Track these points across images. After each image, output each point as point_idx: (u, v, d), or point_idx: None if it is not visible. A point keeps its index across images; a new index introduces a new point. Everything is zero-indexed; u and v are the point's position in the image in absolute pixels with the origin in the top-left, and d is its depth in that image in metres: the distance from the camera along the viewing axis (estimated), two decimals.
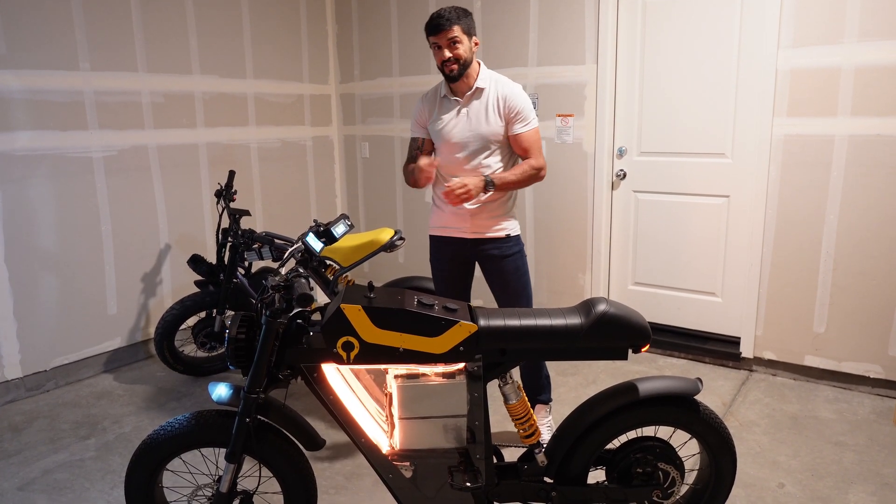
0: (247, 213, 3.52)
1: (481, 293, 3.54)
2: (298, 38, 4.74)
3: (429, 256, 2.85)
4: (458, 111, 2.62)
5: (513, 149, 2.66)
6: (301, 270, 1.84)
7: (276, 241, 3.40)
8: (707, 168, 3.65)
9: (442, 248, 2.78)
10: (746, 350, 3.59)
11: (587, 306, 1.84)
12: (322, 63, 4.95)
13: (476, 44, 2.58)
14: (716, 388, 3.37)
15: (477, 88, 2.60)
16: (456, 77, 2.55)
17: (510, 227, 2.72)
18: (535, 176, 2.63)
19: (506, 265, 2.70)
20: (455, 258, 2.77)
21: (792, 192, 3.34)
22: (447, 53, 2.50)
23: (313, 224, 2.11)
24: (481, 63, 2.64)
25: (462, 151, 2.61)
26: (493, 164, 2.63)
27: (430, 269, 2.87)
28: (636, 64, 3.76)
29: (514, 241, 2.73)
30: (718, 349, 3.68)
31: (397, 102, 4.74)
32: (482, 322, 1.79)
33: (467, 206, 2.61)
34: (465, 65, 2.54)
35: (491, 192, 2.55)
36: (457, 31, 2.49)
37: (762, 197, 3.41)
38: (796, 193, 3.33)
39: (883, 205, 3.12)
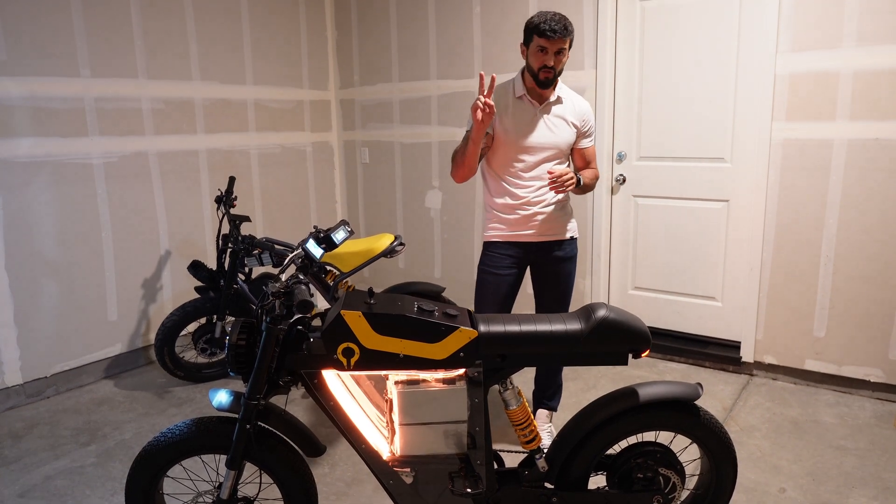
0: (247, 219, 3.53)
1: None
2: (298, 45, 4.75)
3: (478, 264, 2.79)
4: (536, 116, 2.61)
5: (573, 160, 2.73)
6: (301, 276, 1.84)
7: (277, 246, 3.40)
8: (706, 173, 3.66)
9: (502, 252, 2.72)
10: (747, 354, 3.59)
11: (587, 312, 1.85)
12: (322, 69, 4.96)
13: (567, 57, 2.56)
14: (716, 393, 3.36)
15: (557, 97, 2.61)
16: (549, 84, 2.55)
17: (573, 229, 2.77)
18: (596, 184, 2.76)
19: (564, 267, 2.74)
20: (513, 264, 2.72)
21: (791, 197, 3.34)
22: (551, 62, 2.48)
23: (313, 230, 2.12)
24: None
25: (534, 156, 2.60)
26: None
27: (477, 276, 2.80)
28: (635, 69, 3.78)
29: (575, 244, 2.78)
30: (719, 353, 3.68)
31: (397, 108, 4.75)
32: (482, 328, 1.80)
33: (532, 196, 2.63)
34: (558, 74, 2.55)
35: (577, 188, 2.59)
36: (567, 42, 2.47)
37: (761, 201, 3.42)
38: (795, 197, 3.33)
39: (882, 208, 3.12)
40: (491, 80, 2.35)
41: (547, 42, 2.45)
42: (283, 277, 1.81)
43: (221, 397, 1.82)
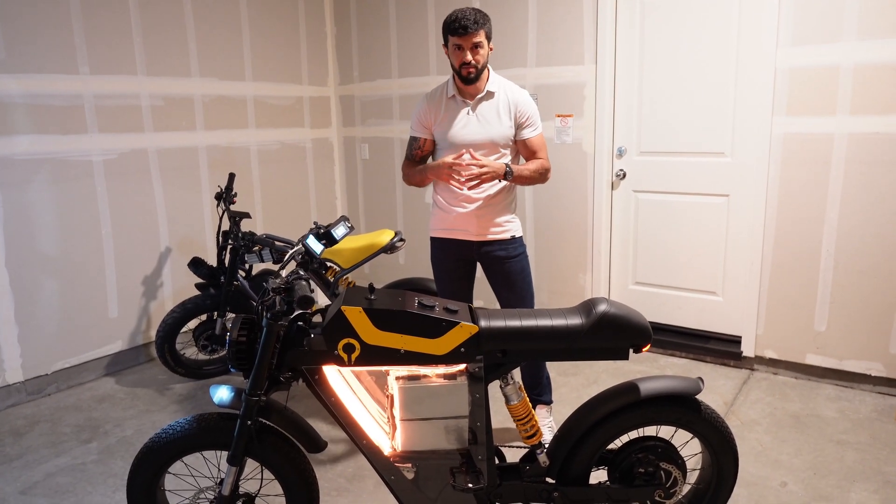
0: (247, 215, 3.52)
1: (480, 293, 3.54)
2: (297, 40, 4.74)
3: (430, 258, 2.85)
4: (468, 113, 2.62)
5: (519, 152, 2.69)
6: (302, 273, 1.84)
7: (277, 243, 3.40)
8: (707, 167, 3.65)
9: (445, 250, 2.77)
10: (747, 349, 3.59)
11: (588, 306, 1.84)
12: (321, 65, 4.95)
13: (490, 49, 2.57)
14: (717, 388, 3.37)
15: (487, 92, 2.61)
16: (473, 80, 2.55)
17: (514, 229, 2.74)
18: (544, 175, 2.67)
19: (511, 266, 2.71)
20: (459, 260, 2.77)
21: (792, 191, 3.34)
22: (469, 57, 2.49)
23: (314, 226, 2.12)
24: (489, 67, 2.65)
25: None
26: None
27: (432, 271, 2.87)
28: (635, 64, 3.77)
29: (518, 243, 2.74)
30: (719, 348, 3.68)
31: (396, 104, 4.74)
32: (483, 323, 1.80)
33: (472, 193, 2.62)
34: (482, 69, 2.54)
35: (507, 181, 2.57)
36: (481, 35, 2.48)
37: (762, 196, 3.41)
38: (796, 192, 3.33)
39: (883, 203, 3.11)
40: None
41: (460, 39, 2.48)
42: (284, 274, 1.81)
43: (222, 394, 1.83)
